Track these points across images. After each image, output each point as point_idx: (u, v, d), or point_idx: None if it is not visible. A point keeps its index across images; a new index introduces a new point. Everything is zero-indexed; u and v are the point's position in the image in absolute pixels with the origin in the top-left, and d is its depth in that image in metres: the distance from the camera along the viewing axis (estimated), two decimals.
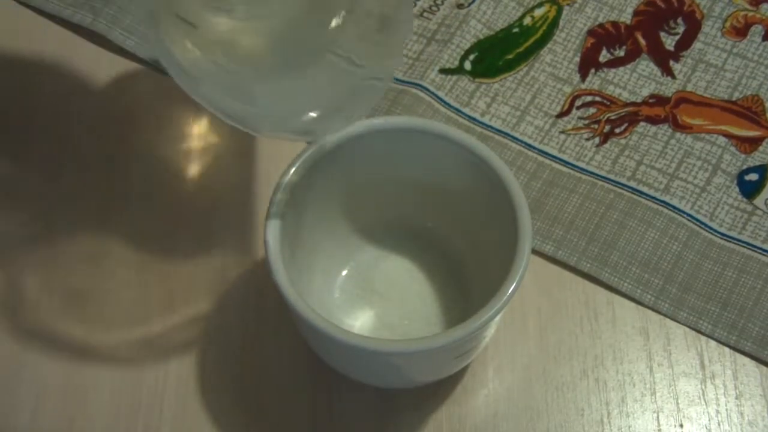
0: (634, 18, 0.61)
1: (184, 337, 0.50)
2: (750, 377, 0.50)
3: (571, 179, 0.55)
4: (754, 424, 0.49)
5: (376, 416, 0.48)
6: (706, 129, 0.57)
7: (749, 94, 0.58)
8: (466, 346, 0.44)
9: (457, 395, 0.49)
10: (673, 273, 0.52)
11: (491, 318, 0.41)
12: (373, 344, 0.41)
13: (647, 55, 0.59)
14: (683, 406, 0.49)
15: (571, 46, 0.60)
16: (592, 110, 0.57)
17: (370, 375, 0.47)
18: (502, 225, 0.44)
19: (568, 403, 0.49)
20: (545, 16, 0.61)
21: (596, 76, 0.59)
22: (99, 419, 0.48)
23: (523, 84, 0.58)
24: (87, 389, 0.49)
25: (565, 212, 0.54)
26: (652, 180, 0.55)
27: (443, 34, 0.60)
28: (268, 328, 0.50)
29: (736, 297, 0.51)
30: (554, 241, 0.53)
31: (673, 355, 0.50)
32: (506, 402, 0.49)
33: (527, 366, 0.50)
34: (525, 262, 0.42)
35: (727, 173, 0.55)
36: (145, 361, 0.50)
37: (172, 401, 0.49)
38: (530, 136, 0.56)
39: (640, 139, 0.56)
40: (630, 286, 0.52)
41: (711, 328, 0.51)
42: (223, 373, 0.49)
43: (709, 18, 0.61)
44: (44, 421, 0.48)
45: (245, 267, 0.52)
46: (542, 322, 0.51)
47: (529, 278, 0.51)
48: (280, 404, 0.49)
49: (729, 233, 0.53)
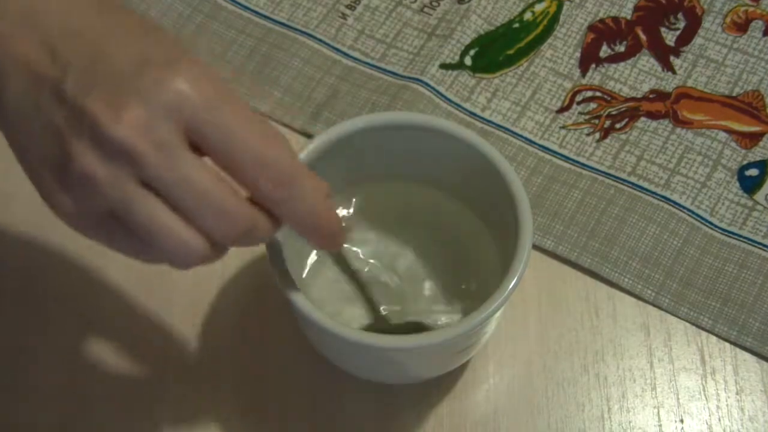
0: (635, 13, 0.61)
1: (184, 335, 0.50)
2: (751, 372, 0.50)
3: (571, 175, 0.55)
4: (755, 419, 0.49)
5: (378, 412, 0.48)
6: (706, 124, 0.57)
7: (750, 89, 0.58)
8: (468, 341, 0.44)
9: (458, 390, 0.49)
10: (674, 268, 0.52)
11: (492, 313, 0.41)
12: (374, 340, 0.41)
13: (648, 50, 0.59)
14: (684, 402, 0.49)
15: (572, 42, 0.60)
16: (593, 105, 0.57)
17: (371, 371, 0.47)
18: (503, 220, 0.44)
19: (569, 399, 0.49)
20: (546, 12, 0.61)
21: (597, 72, 0.59)
22: (99, 419, 0.48)
23: (524, 79, 0.58)
24: (86, 388, 0.49)
25: (566, 208, 0.54)
26: (652, 175, 0.55)
27: (444, 30, 0.60)
28: (268, 324, 0.50)
29: (737, 292, 0.51)
30: (555, 237, 0.53)
31: (674, 350, 0.50)
32: (507, 397, 0.49)
33: (528, 361, 0.50)
34: (526, 257, 0.42)
35: (727, 169, 0.55)
36: (144, 360, 0.50)
37: (171, 400, 0.49)
38: (531, 132, 0.56)
39: (641, 135, 0.56)
40: (630, 282, 0.52)
41: (711, 323, 0.51)
42: (223, 371, 0.49)
43: (710, 13, 0.61)
44: (44, 420, 0.48)
45: (246, 263, 0.52)
46: (543, 318, 0.51)
47: (530, 274, 0.51)
48: (280, 400, 0.49)
49: (729, 229, 0.53)
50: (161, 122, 0.33)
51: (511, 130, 0.56)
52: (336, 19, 0.60)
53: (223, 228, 0.35)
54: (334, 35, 0.60)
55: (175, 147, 0.33)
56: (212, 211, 0.34)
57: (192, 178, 0.34)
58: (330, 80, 0.58)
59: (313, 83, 0.58)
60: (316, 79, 0.58)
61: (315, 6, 0.61)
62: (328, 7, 0.61)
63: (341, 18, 0.60)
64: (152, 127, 0.33)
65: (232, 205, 0.34)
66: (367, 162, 0.47)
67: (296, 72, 0.58)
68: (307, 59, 0.59)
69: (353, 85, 0.58)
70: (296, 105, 0.57)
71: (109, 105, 0.33)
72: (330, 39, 0.60)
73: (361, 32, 0.60)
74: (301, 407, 0.49)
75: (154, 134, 0.33)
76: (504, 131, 0.56)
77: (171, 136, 0.33)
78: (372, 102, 0.57)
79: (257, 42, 0.59)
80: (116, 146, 0.33)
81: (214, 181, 0.34)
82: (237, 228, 0.35)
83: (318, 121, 0.57)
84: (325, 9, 0.61)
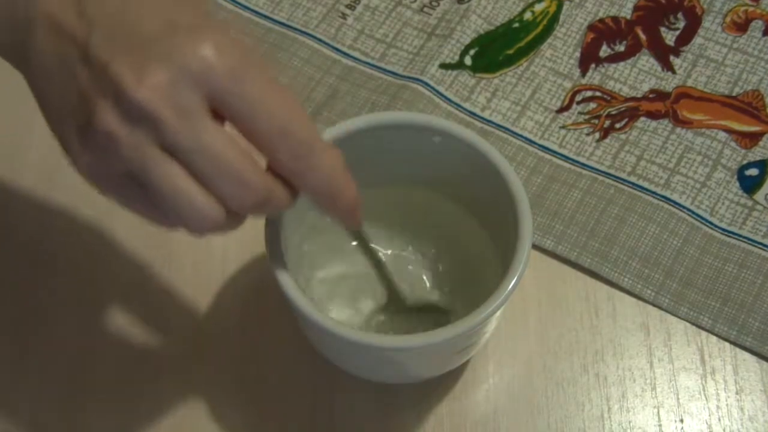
0: (635, 13, 0.61)
1: (184, 335, 0.50)
2: (750, 372, 0.50)
3: (571, 174, 0.55)
4: (755, 419, 0.49)
5: (378, 412, 0.48)
6: (706, 124, 0.57)
7: (749, 89, 0.58)
8: (467, 341, 0.44)
9: (457, 390, 0.49)
10: (674, 268, 0.52)
11: (492, 313, 0.41)
12: (374, 340, 0.41)
13: (647, 50, 0.59)
14: (684, 402, 0.49)
15: (572, 42, 0.60)
16: (593, 105, 0.57)
17: (371, 371, 0.47)
18: (503, 220, 0.44)
19: (569, 399, 0.49)
20: (545, 11, 0.61)
21: (596, 71, 0.59)
22: (98, 419, 0.48)
23: (524, 79, 0.58)
24: (85, 388, 0.49)
25: (566, 207, 0.54)
26: (652, 175, 0.55)
27: (443, 29, 0.60)
28: (268, 324, 0.50)
29: (737, 292, 0.51)
30: (554, 236, 0.53)
31: (674, 350, 0.50)
32: (507, 397, 0.49)
33: (528, 361, 0.50)
34: (525, 257, 0.42)
35: (727, 168, 0.55)
36: (144, 358, 0.50)
37: (171, 400, 0.48)
38: (530, 132, 0.56)
39: (641, 135, 0.56)
40: (630, 281, 0.52)
41: (711, 323, 0.51)
42: (223, 371, 0.49)
43: (710, 13, 0.61)
44: (43, 420, 0.48)
45: (246, 263, 0.52)
46: (543, 318, 0.51)
47: (530, 273, 0.51)
48: (280, 400, 0.49)
49: (729, 228, 0.53)
50: (184, 88, 0.33)
51: (511, 129, 0.56)
52: (336, 18, 0.60)
53: (239, 196, 0.35)
54: (334, 35, 0.60)
55: (197, 113, 0.34)
56: (229, 180, 0.34)
57: (211, 146, 0.34)
58: (330, 80, 0.58)
59: (313, 83, 0.58)
60: (316, 78, 0.58)
61: (315, 6, 0.61)
62: (328, 6, 0.61)
63: (341, 18, 0.60)
64: (174, 93, 0.33)
65: (250, 175, 0.35)
66: (367, 162, 0.47)
67: (296, 71, 0.58)
68: (307, 59, 0.59)
69: (353, 85, 0.58)
70: None
71: (132, 67, 0.33)
72: (330, 39, 0.60)
73: (361, 32, 0.60)
74: (301, 407, 0.49)
75: (175, 100, 0.33)
76: (504, 131, 0.56)
77: (193, 103, 0.33)
78: (372, 102, 0.57)
79: (257, 42, 0.59)
80: (137, 109, 0.33)
81: (233, 150, 0.34)
82: (254, 197, 0.35)
83: (318, 120, 0.57)
84: (324, 9, 0.61)
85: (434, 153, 0.47)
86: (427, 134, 0.46)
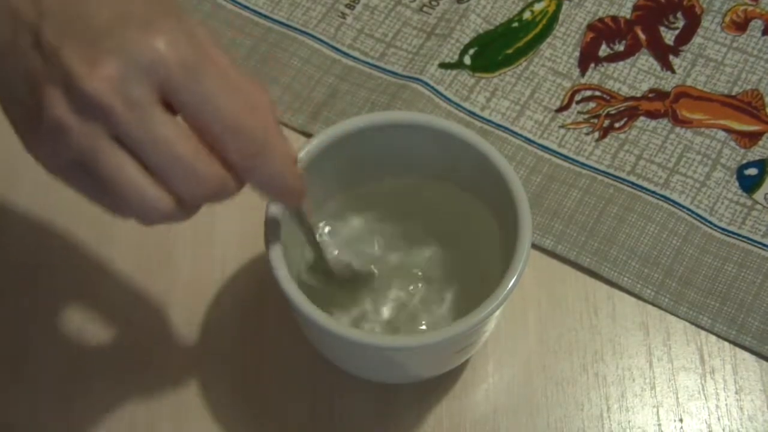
0: (634, 12, 0.61)
1: (183, 335, 0.50)
2: (750, 372, 0.50)
3: (570, 174, 0.55)
4: (754, 418, 0.49)
5: (377, 411, 0.48)
6: (705, 124, 0.57)
7: (749, 88, 0.58)
8: (467, 340, 0.44)
9: (457, 390, 0.49)
10: (673, 267, 0.52)
11: (491, 312, 0.41)
12: (374, 340, 0.41)
13: (647, 49, 0.59)
14: (683, 401, 0.49)
15: (571, 41, 0.60)
16: (592, 105, 0.57)
17: (370, 370, 0.47)
18: (502, 219, 0.44)
19: (568, 398, 0.49)
20: (545, 11, 0.61)
21: (596, 71, 0.59)
22: (98, 419, 0.48)
23: (523, 78, 0.58)
24: (85, 388, 0.49)
25: (565, 207, 0.54)
26: (651, 174, 0.55)
27: (443, 29, 0.60)
28: (268, 324, 0.50)
29: (736, 291, 0.51)
30: (554, 236, 0.53)
31: (673, 349, 0.50)
32: (506, 396, 0.49)
33: (527, 361, 0.50)
34: (525, 256, 0.42)
35: (726, 168, 0.55)
36: (144, 358, 0.50)
37: (171, 399, 0.49)
38: (530, 131, 0.56)
39: (640, 134, 0.56)
40: (630, 281, 0.52)
41: (711, 322, 0.51)
42: (223, 371, 0.49)
43: (709, 12, 0.61)
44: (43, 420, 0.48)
45: (246, 263, 0.52)
46: (542, 317, 0.51)
47: (529, 273, 0.51)
48: (280, 400, 0.49)
49: (729, 228, 0.53)
50: (135, 80, 0.33)
51: (511, 129, 0.57)
52: (335, 18, 0.60)
53: (191, 188, 0.35)
54: (334, 34, 0.60)
55: (147, 106, 0.34)
56: (180, 172, 0.34)
57: (162, 138, 0.34)
58: (329, 79, 0.58)
59: (313, 82, 0.58)
60: (316, 78, 0.58)
61: (314, 5, 0.61)
62: (328, 6, 0.61)
63: (340, 17, 0.60)
64: (125, 85, 0.33)
65: (201, 166, 0.35)
66: (366, 161, 0.47)
67: (296, 71, 0.58)
68: (307, 58, 0.59)
69: (352, 85, 0.58)
70: (295, 104, 0.57)
71: (83, 57, 0.33)
72: (329, 38, 0.60)
73: (361, 31, 0.60)
74: (301, 407, 0.49)
75: (126, 91, 0.33)
76: (503, 130, 0.56)
77: (143, 95, 0.33)
78: (371, 101, 0.57)
79: (256, 41, 0.59)
80: (88, 100, 0.33)
81: (184, 142, 0.34)
82: (205, 189, 0.35)
83: (317, 120, 0.57)
84: (324, 8, 0.61)
85: (434, 153, 0.47)
86: (426, 134, 0.46)
